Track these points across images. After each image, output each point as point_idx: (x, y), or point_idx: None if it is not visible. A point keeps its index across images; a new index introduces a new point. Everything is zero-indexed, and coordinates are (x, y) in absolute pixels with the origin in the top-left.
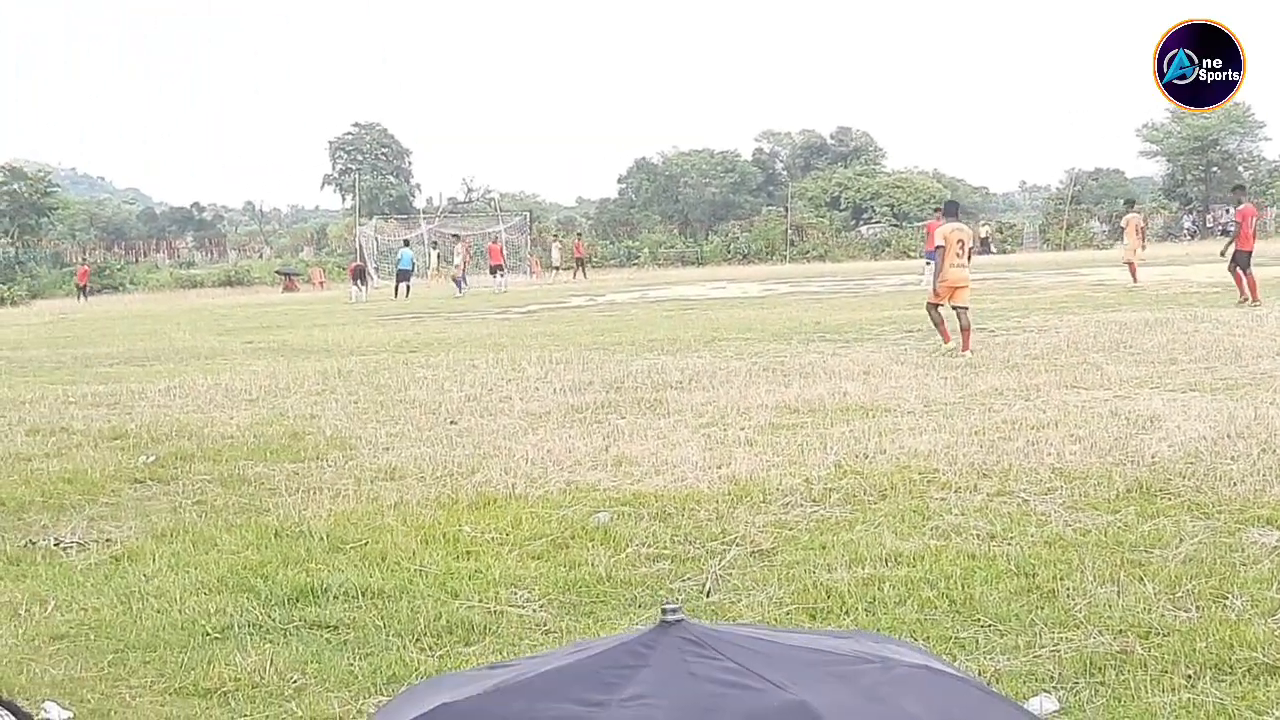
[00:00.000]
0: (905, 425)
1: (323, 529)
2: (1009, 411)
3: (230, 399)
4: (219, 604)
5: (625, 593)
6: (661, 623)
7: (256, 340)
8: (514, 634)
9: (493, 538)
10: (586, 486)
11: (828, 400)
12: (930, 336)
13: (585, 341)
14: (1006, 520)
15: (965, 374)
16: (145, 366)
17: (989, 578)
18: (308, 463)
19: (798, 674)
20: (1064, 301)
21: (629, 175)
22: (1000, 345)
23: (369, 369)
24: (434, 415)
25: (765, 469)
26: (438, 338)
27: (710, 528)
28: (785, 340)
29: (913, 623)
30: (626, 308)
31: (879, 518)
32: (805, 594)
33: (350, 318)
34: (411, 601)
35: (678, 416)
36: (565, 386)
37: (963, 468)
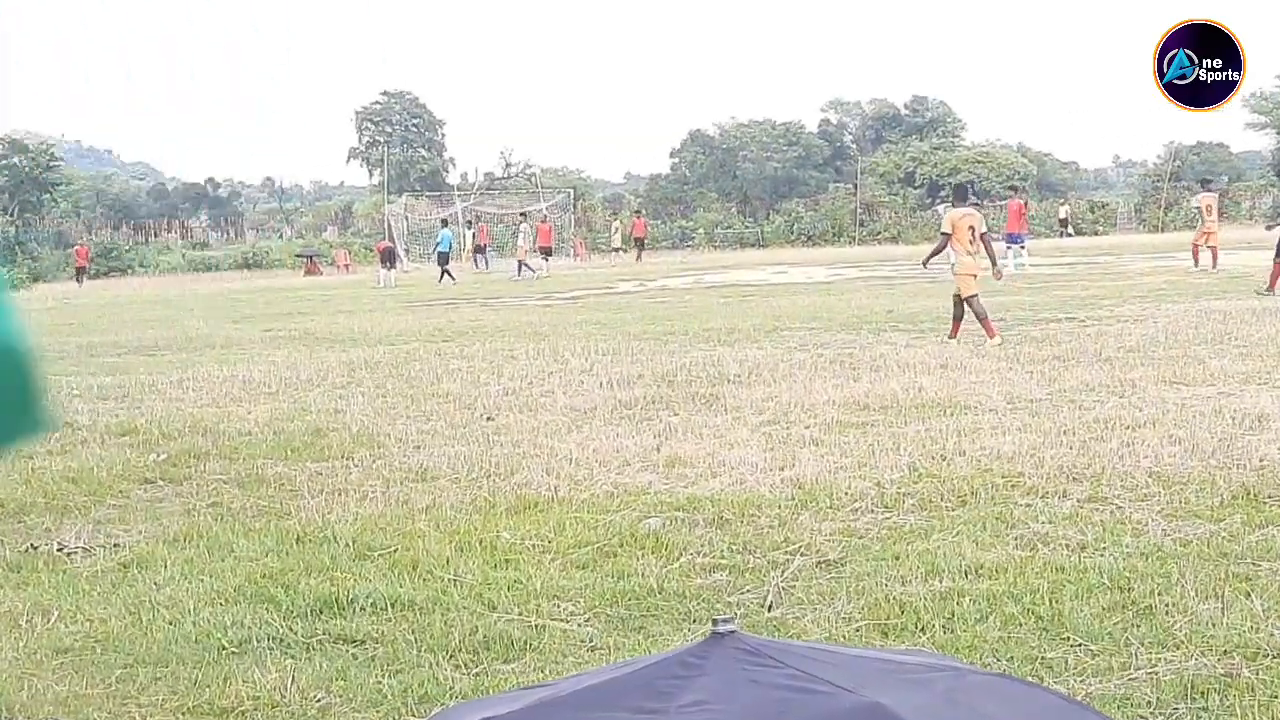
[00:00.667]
0: (986, 424)
1: (348, 534)
2: (1101, 409)
3: (248, 392)
4: (236, 616)
5: (678, 606)
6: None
7: (276, 328)
8: (557, 650)
9: (533, 545)
10: (636, 489)
11: (901, 396)
12: (1013, 327)
13: (634, 331)
14: (1099, 529)
15: (1053, 368)
16: (156, 356)
17: (1079, 592)
18: (332, 462)
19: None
20: (1162, 288)
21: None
22: (1092, 336)
23: (398, 360)
24: (469, 411)
25: (832, 471)
26: (473, 325)
27: (772, 536)
28: (854, 330)
29: (994, 641)
30: (680, 294)
31: (957, 526)
32: (876, 609)
33: (378, 304)
34: (445, 614)
35: (736, 413)
36: (612, 380)
37: (1050, 471)
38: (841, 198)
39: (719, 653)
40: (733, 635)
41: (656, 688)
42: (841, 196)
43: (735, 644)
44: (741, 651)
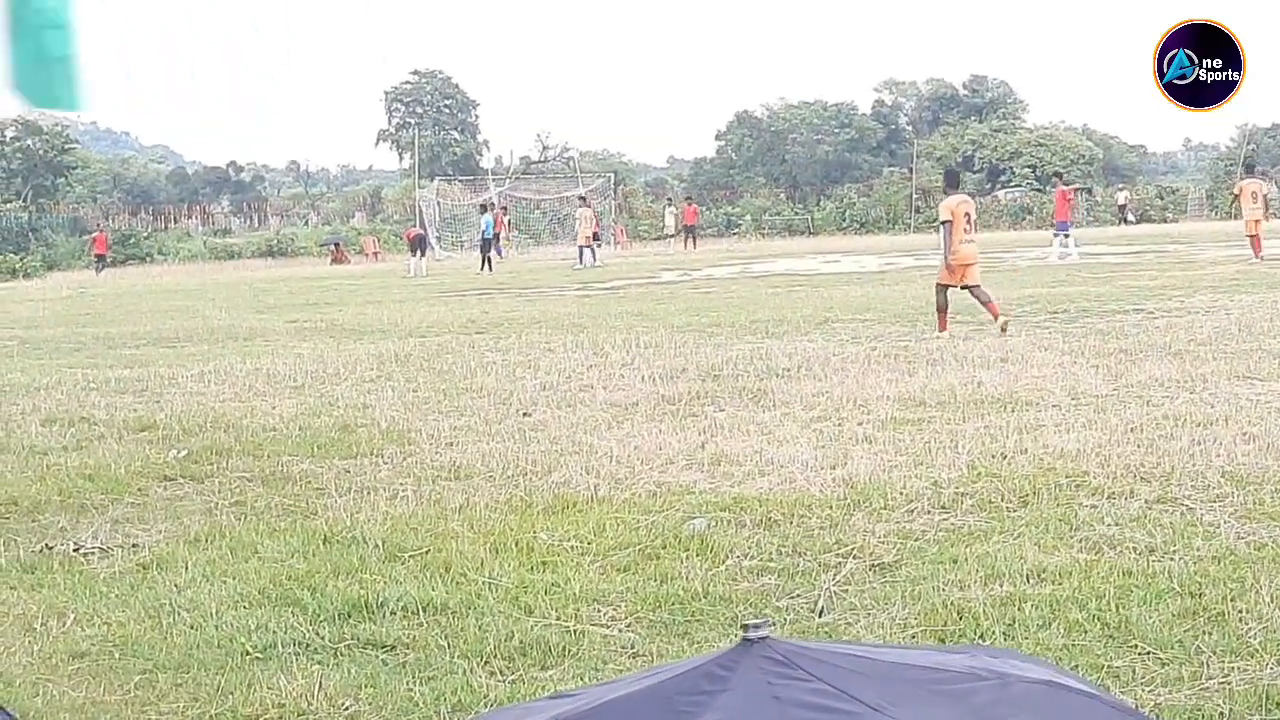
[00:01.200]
0: (1049, 421)
1: (378, 535)
2: (1171, 405)
3: (272, 386)
4: (260, 619)
5: (724, 611)
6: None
7: (302, 319)
8: (596, 657)
9: (572, 546)
10: (680, 489)
11: (959, 391)
12: (1077, 319)
13: (678, 322)
14: (1168, 531)
15: (1120, 362)
16: (176, 348)
17: (1148, 598)
18: (360, 459)
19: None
20: (1235, 279)
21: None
22: (1160, 329)
23: (430, 352)
24: (504, 406)
25: (886, 470)
26: (508, 317)
27: (823, 537)
28: (909, 322)
29: (1058, 649)
30: (726, 284)
31: (1019, 527)
32: (933, 614)
33: (408, 294)
34: (479, 619)
35: (785, 409)
36: (655, 374)
37: (1117, 470)
38: (896, 183)
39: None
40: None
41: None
42: (896, 181)
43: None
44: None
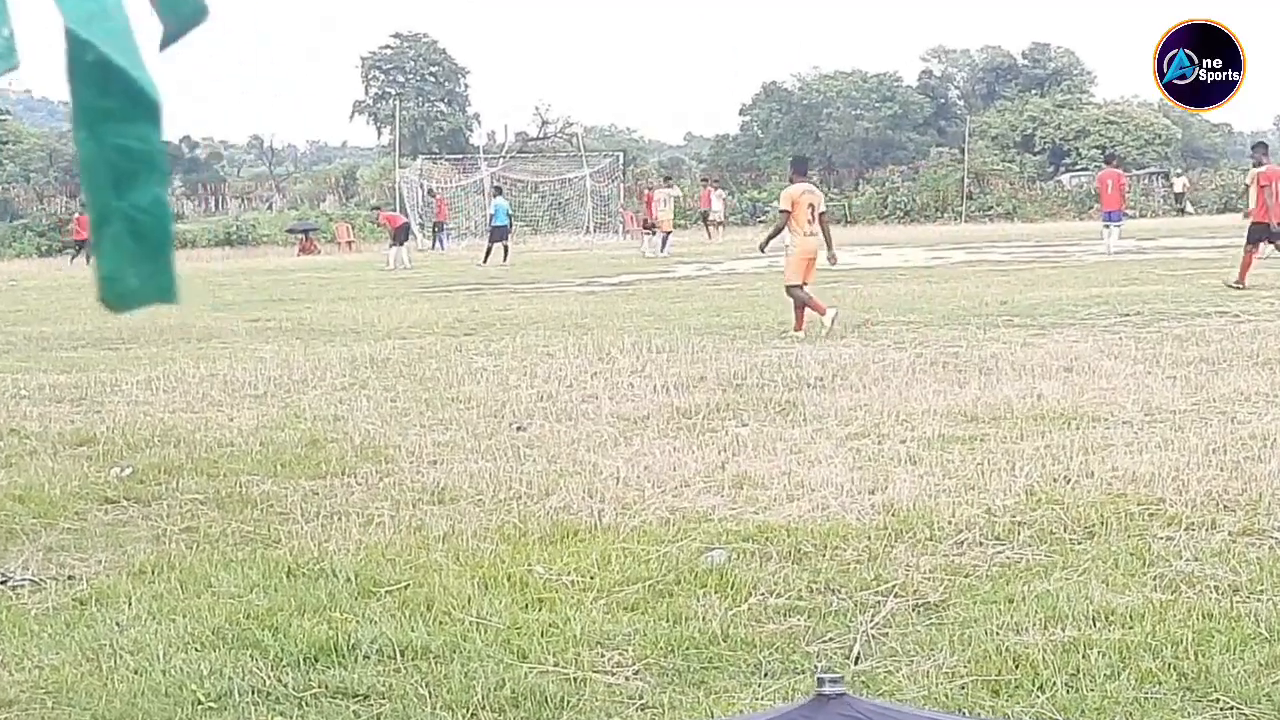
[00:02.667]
0: (1119, 440)
1: (350, 567)
2: (1259, 423)
3: (230, 394)
4: (214, 663)
5: (747, 656)
6: (817, 695)
7: (264, 317)
8: (600, 708)
9: (573, 581)
10: (696, 515)
11: (1016, 405)
12: (1152, 323)
13: (695, 324)
14: (1255, 568)
15: (1200, 373)
16: (119, 350)
17: (1231, 644)
18: (330, 479)
19: None
20: None
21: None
22: (1247, 335)
23: (411, 357)
24: (496, 419)
25: (933, 495)
26: (501, 316)
27: (859, 572)
28: (960, 325)
29: (1128, 703)
30: (750, 279)
31: (1084, 563)
32: (986, 662)
33: (387, 289)
34: (465, 664)
35: (817, 424)
36: (669, 383)
37: (1196, 497)
38: (946, 165)
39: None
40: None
41: None
42: (946, 163)
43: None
44: None
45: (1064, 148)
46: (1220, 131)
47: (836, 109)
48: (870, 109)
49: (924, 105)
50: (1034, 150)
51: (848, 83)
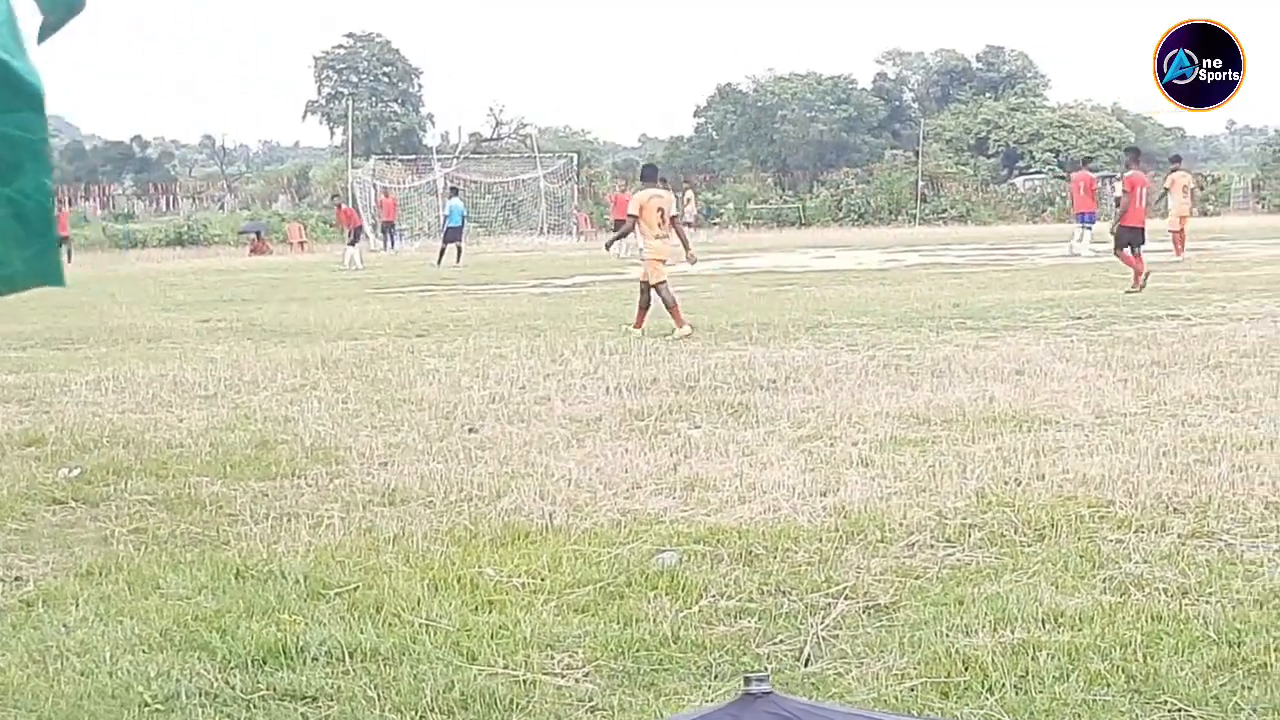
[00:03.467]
0: (1070, 442)
1: (299, 569)
2: (1209, 426)
3: (180, 395)
4: (161, 665)
5: (697, 658)
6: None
7: (215, 318)
8: (549, 711)
9: (523, 584)
10: (648, 517)
11: (968, 408)
12: (1104, 325)
13: (649, 325)
14: (1204, 570)
15: (1151, 376)
16: (68, 350)
17: (1180, 646)
18: (280, 481)
19: None
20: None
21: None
22: (1198, 338)
23: (362, 358)
24: (447, 420)
25: (884, 498)
26: (454, 317)
27: (810, 575)
28: (913, 327)
29: (1077, 704)
30: (704, 281)
31: (1034, 565)
32: (935, 664)
33: (338, 289)
34: (414, 666)
35: (769, 426)
36: (621, 384)
37: (1146, 500)
38: (900, 168)
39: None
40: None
41: None
42: (900, 166)
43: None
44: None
45: (1018, 151)
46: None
47: (791, 111)
48: (825, 111)
49: (878, 108)
50: (988, 153)
51: (802, 85)
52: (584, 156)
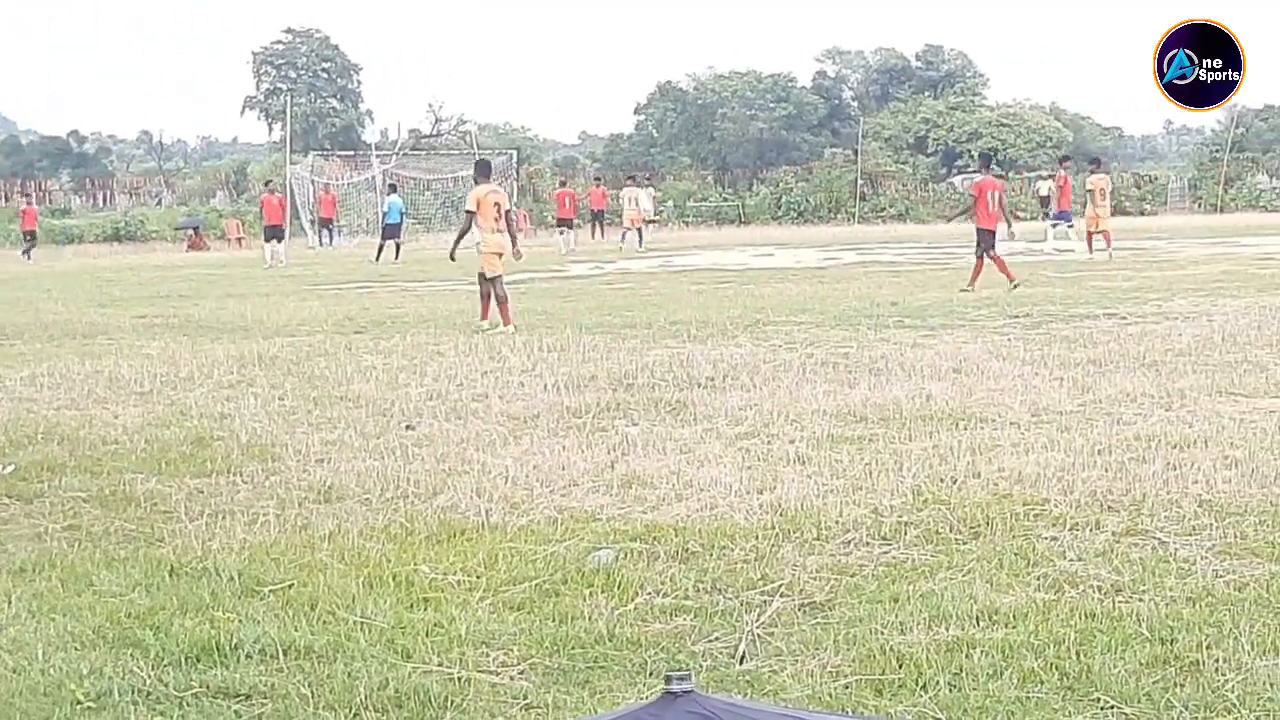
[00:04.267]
0: (1006, 440)
1: (233, 566)
2: (1143, 424)
3: (115, 391)
4: (94, 663)
5: (632, 656)
6: (665, 694)
7: (152, 314)
8: (484, 709)
9: (459, 581)
10: (585, 515)
11: (905, 406)
12: (1041, 324)
13: (587, 323)
14: (1137, 568)
15: (1087, 374)
16: (2, 346)
17: (1113, 644)
18: (216, 478)
19: None
20: (1219, 280)
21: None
22: (1134, 337)
23: (299, 355)
24: (384, 417)
25: (821, 495)
26: (392, 314)
27: (746, 572)
28: (851, 325)
29: (1010, 702)
30: (643, 279)
31: (969, 562)
32: (870, 661)
33: (275, 286)
34: (349, 664)
35: (707, 424)
36: (559, 382)
37: (1081, 498)
38: (839, 166)
39: (671, 717)
40: (689, 697)
41: None
42: (839, 165)
43: (690, 707)
44: (696, 718)
45: (956, 150)
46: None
47: (731, 109)
48: (765, 109)
49: (818, 106)
50: (927, 152)
51: (742, 83)
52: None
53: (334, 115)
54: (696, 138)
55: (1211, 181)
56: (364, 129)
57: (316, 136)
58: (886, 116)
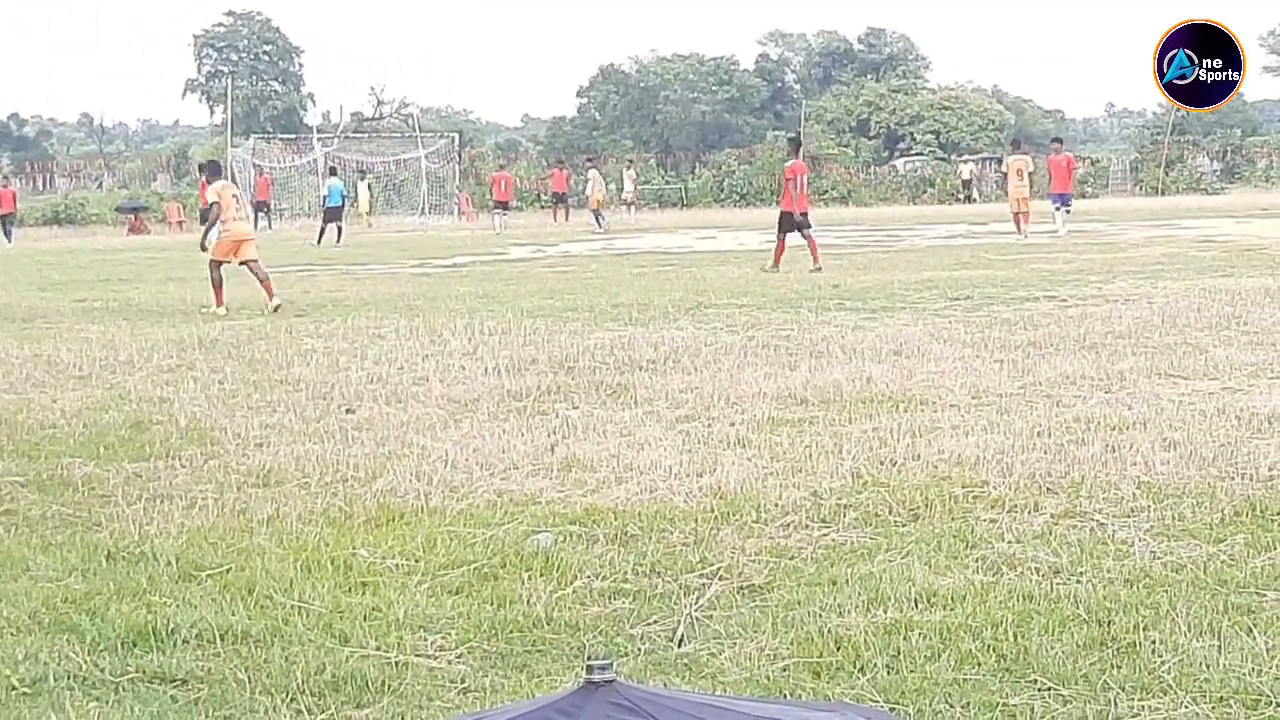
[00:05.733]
0: (946, 422)
1: (171, 550)
2: (1083, 406)
3: (54, 375)
4: (29, 648)
5: (570, 640)
6: (586, 684)
7: (91, 298)
8: (421, 692)
9: (397, 565)
10: (524, 498)
11: (845, 388)
12: (981, 306)
13: (528, 306)
14: (1075, 550)
15: (1027, 357)
16: None
17: (1050, 626)
18: (154, 462)
19: None
20: (1159, 263)
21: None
22: (1074, 319)
23: (239, 338)
24: (324, 401)
25: (760, 478)
26: (333, 298)
27: (685, 555)
28: (792, 308)
29: (947, 684)
30: (584, 262)
31: (907, 545)
32: (808, 644)
33: None
34: (286, 648)
35: (647, 407)
36: (500, 365)
37: (1020, 480)
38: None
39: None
40: (610, 686)
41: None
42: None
43: (611, 697)
44: (616, 708)
45: (899, 133)
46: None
47: (674, 92)
48: (707, 92)
49: (760, 89)
50: (869, 135)
51: (685, 65)
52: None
53: (275, 98)
54: (639, 120)
55: (1152, 164)
56: (306, 112)
57: (258, 119)
58: (829, 99)
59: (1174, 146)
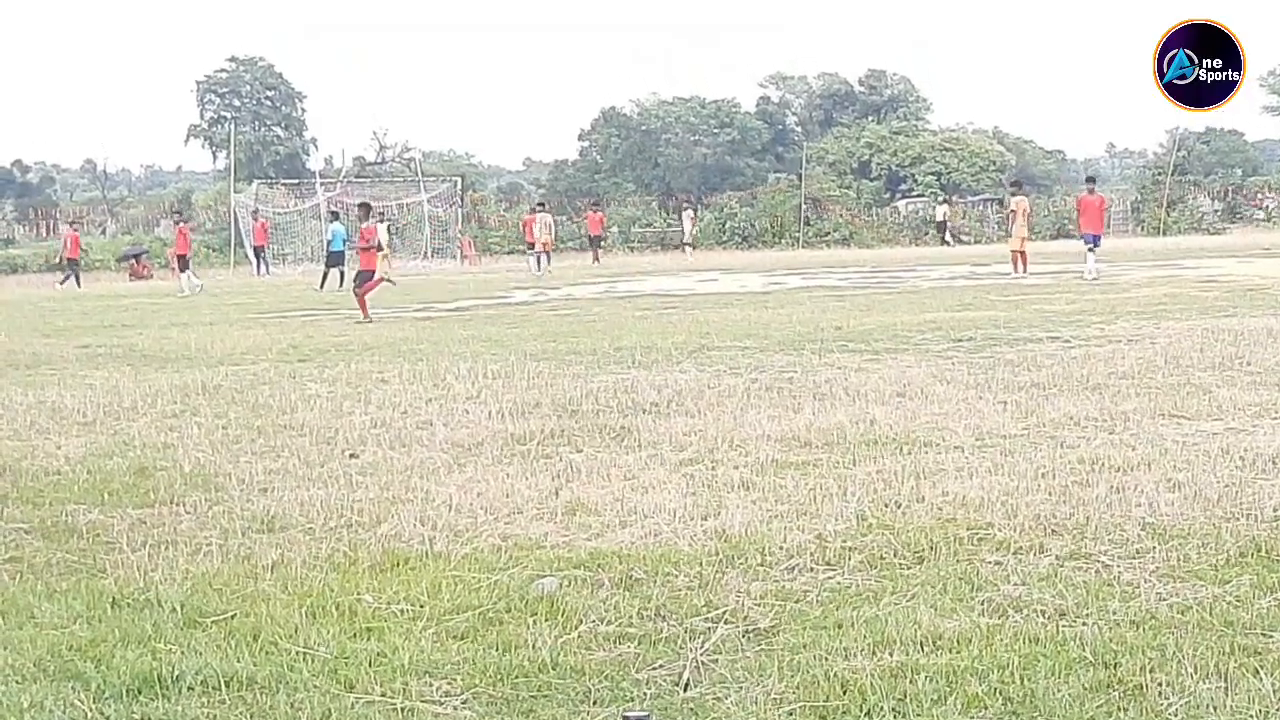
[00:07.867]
0: (951, 465)
1: (176, 597)
2: (1087, 448)
3: (58, 422)
4: (35, 696)
5: (576, 685)
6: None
7: (95, 344)
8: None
9: (402, 610)
10: (529, 543)
11: (849, 430)
12: (984, 348)
13: (531, 349)
14: (1081, 592)
15: (1031, 398)
16: None
17: (1057, 668)
18: (158, 508)
19: None
20: (1162, 303)
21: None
22: (1077, 360)
23: (243, 383)
24: (328, 446)
25: (765, 521)
26: (336, 342)
27: (690, 599)
28: (795, 350)
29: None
30: (587, 305)
31: (913, 588)
32: (814, 688)
33: (219, 315)
34: (291, 695)
35: (651, 450)
36: (504, 409)
37: (1025, 522)
38: (783, 191)
39: None
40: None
41: None
42: (783, 189)
43: None
44: None
45: (900, 174)
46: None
47: (675, 135)
48: (709, 135)
49: (762, 131)
50: (870, 176)
51: (686, 109)
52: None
53: (278, 143)
54: (640, 163)
55: (1154, 204)
56: (308, 157)
57: (261, 164)
58: (830, 141)
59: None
